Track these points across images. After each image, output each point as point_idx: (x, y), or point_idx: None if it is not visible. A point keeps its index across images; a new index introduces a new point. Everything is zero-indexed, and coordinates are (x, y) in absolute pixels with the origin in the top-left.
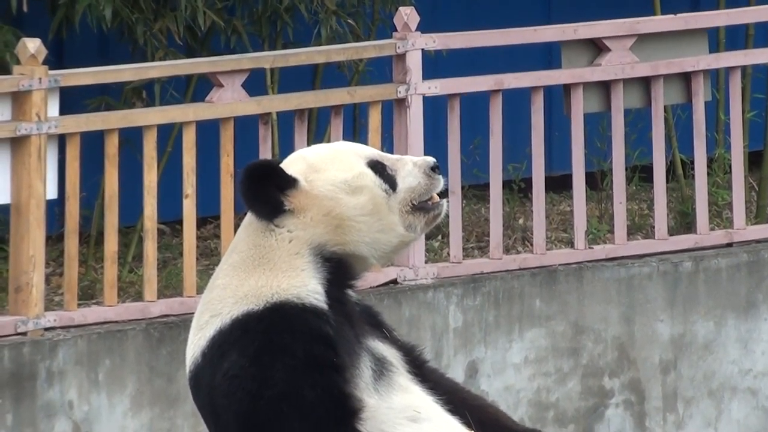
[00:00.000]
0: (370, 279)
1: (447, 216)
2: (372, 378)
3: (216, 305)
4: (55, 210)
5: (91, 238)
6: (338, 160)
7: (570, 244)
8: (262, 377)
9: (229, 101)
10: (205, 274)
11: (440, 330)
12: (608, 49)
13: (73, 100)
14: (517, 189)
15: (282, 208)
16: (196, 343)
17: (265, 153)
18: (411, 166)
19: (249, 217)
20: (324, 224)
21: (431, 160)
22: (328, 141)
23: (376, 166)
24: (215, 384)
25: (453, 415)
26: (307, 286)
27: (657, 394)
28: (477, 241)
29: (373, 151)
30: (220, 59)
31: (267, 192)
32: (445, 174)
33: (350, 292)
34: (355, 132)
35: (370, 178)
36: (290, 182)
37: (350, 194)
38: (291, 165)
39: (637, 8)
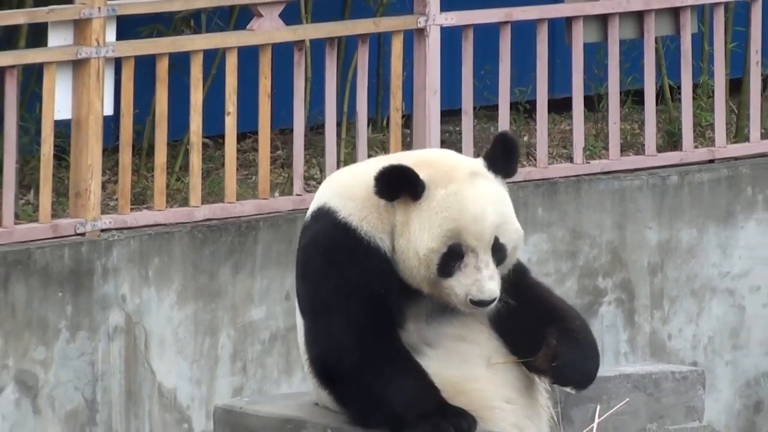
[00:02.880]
0: None
1: (459, 133)
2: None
3: (336, 187)
4: (111, 125)
5: (143, 150)
6: (441, 216)
7: (569, 159)
8: (325, 272)
9: (268, 29)
10: (243, 182)
11: None
12: None
13: (128, 28)
14: (523, 110)
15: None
16: (315, 199)
17: (299, 76)
18: (471, 280)
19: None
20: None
21: (484, 297)
22: (355, 67)
23: (452, 253)
24: (300, 247)
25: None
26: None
27: (645, 293)
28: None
29: (476, 230)
30: None
31: (392, 191)
32: (459, 96)
33: None
34: (380, 58)
35: (434, 261)
36: (415, 192)
37: (415, 249)
38: (421, 171)
39: None
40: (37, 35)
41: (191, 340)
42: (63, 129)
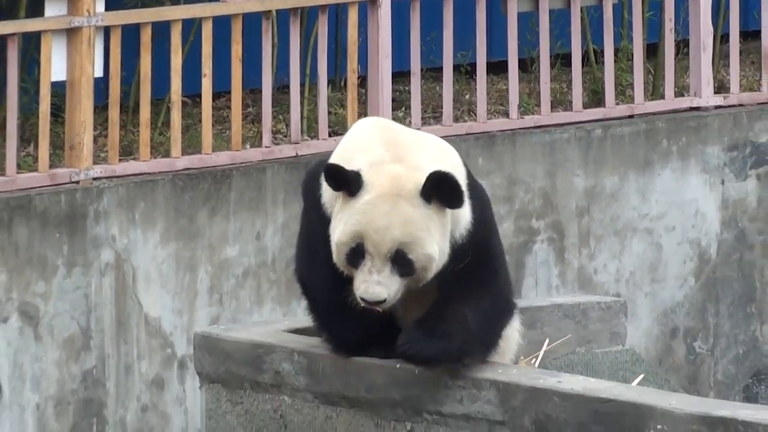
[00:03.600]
0: None
1: (408, 92)
2: None
3: (354, 137)
4: (101, 86)
5: (130, 107)
6: (355, 218)
7: (506, 114)
8: (305, 208)
9: (239, 1)
10: (218, 136)
11: None
12: None
13: (116, 0)
14: (465, 71)
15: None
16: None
17: (267, 42)
18: (362, 279)
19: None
20: None
21: (367, 297)
22: (316, 34)
23: (357, 250)
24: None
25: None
26: None
27: (574, 233)
28: (432, 112)
29: (375, 240)
30: None
31: (335, 185)
32: (408, 59)
33: None
34: (338, 26)
35: (343, 251)
36: (350, 192)
37: (333, 236)
38: (375, 173)
39: None
40: (34, 7)
41: (173, 275)
42: (59, 89)
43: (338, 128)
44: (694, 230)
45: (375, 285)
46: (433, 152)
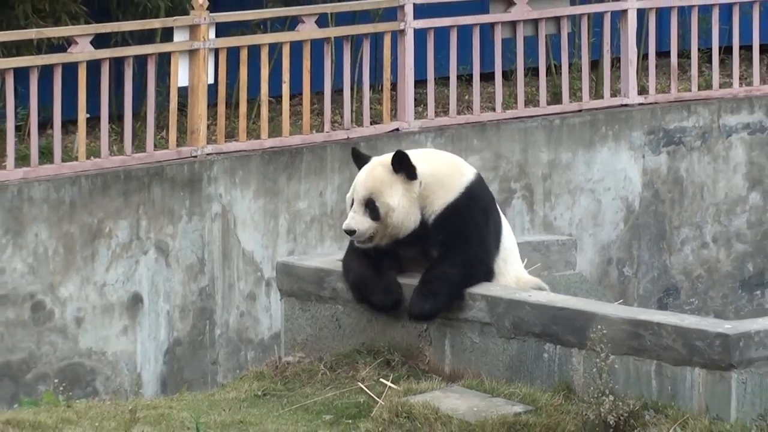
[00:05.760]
0: (381, 128)
1: (426, 94)
2: None
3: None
4: (212, 89)
5: (232, 104)
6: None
7: (493, 109)
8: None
9: (308, 30)
10: (294, 125)
11: None
12: (514, 3)
13: (223, 29)
14: (465, 79)
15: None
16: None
17: (327, 59)
18: (348, 215)
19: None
20: None
21: (344, 228)
22: (362, 53)
23: (351, 200)
24: None
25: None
26: None
27: (540, 191)
28: (442, 107)
29: (355, 188)
30: (302, 8)
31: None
32: (425, 71)
33: None
34: (377, 48)
35: (348, 202)
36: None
37: None
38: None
39: None
40: (167, 34)
41: (262, 221)
42: (183, 92)
43: (377, 119)
44: (624, 190)
45: (350, 219)
46: (443, 157)
